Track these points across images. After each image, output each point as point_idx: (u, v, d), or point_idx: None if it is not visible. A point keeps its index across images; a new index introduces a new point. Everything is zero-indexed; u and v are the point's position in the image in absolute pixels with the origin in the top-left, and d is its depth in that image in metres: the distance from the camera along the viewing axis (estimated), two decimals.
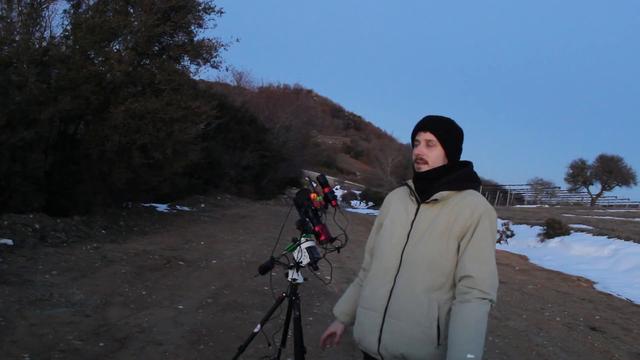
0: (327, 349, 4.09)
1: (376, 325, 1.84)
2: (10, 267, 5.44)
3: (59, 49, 8.43)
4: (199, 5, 10.14)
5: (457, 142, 1.93)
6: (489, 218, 1.81)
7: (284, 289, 2.50)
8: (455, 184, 1.86)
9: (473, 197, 1.84)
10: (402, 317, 1.79)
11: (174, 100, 9.30)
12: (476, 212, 1.79)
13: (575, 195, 37.81)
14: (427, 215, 1.86)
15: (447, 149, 1.89)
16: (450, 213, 1.82)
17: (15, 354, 3.32)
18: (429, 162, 1.89)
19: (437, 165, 1.89)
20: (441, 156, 1.89)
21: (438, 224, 1.82)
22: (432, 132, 1.89)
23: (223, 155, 19.41)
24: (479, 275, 1.73)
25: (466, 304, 1.71)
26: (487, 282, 1.73)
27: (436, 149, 1.89)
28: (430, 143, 1.89)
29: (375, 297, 1.88)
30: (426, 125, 1.91)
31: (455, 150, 1.92)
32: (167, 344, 3.82)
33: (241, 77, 36.88)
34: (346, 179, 64.16)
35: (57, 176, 8.80)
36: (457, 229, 1.79)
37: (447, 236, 1.80)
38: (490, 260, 1.77)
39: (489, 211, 1.82)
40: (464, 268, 1.76)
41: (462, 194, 1.85)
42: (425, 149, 1.89)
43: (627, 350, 4.94)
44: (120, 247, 7.45)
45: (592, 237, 11.82)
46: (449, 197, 1.85)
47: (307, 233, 2.36)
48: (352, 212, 27.77)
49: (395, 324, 1.80)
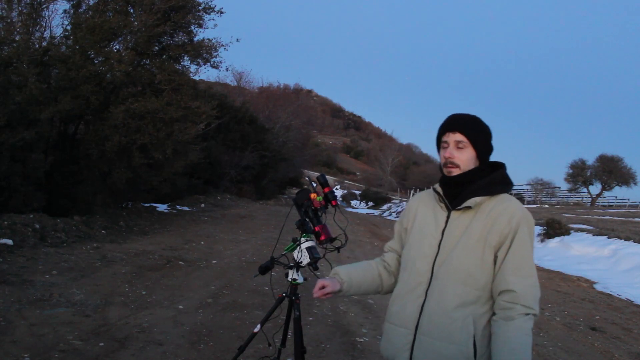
0: (327, 348, 4.09)
1: (407, 343, 1.72)
2: (10, 267, 5.44)
3: (59, 49, 8.44)
4: (199, 5, 10.14)
5: (488, 142, 1.78)
6: (527, 225, 1.68)
7: (284, 289, 2.50)
8: (488, 189, 1.72)
9: (509, 202, 1.70)
10: (435, 334, 1.67)
11: (174, 100, 9.30)
12: (514, 219, 1.66)
13: (575, 195, 37.80)
14: (459, 223, 1.72)
15: (478, 150, 1.75)
16: (485, 221, 1.68)
17: (15, 354, 3.32)
18: (460, 165, 1.73)
19: (469, 169, 1.74)
20: (473, 158, 1.74)
21: (472, 233, 1.68)
22: (462, 133, 1.73)
23: (223, 155, 19.41)
24: (521, 289, 1.60)
25: (510, 322, 1.58)
26: (530, 296, 1.61)
27: (467, 150, 1.74)
28: (461, 144, 1.73)
29: (405, 312, 1.76)
30: (455, 125, 1.76)
31: (486, 151, 1.77)
32: (167, 344, 3.82)
33: (241, 77, 36.91)
34: (346, 179, 64.19)
35: (57, 176, 8.80)
36: (494, 238, 1.66)
37: (482, 246, 1.66)
38: (531, 272, 1.64)
39: (527, 217, 1.69)
40: (505, 281, 1.63)
41: (496, 199, 1.72)
42: (455, 151, 1.74)
43: (627, 350, 4.94)
44: (120, 247, 7.45)
45: (592, 237, 11.82)
46: (482, 203, 1.71)
47: (307, 233, 2.36)
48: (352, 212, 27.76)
49: (428, 342, 1.68)
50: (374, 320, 5.12)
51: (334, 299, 5.74)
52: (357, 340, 4.39)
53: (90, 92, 8.21)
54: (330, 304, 5.52)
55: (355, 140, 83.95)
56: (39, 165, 8.17)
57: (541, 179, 38.17)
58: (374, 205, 40.15)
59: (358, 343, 4.33)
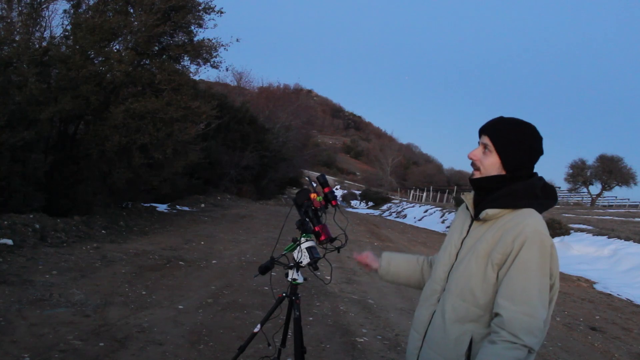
0: (327, 349, 4.09)
1: (416, 348, 1.71)
2: (10, 267, 5.44)
3: (59, 49, 8.43)
4: (199, 5, 10.14)
5: (518, 152, 1.62)
6: (535, 246, 1.50)
7: (284, 289, 2.50)
8: (507, 200, 1.59)
9: (524, 218, 1.55)
10: (433, 346, 1.64)
11: (174, 100, 9.30)
12: (519, 237, 1.51)
13: (575, 195, 37.83)
14: (476, 234, 1.64)
15: (503, 158, 1.62)
16: (494, 235, 1.57)
17: (15, 354, 3.32)
18: (481, 169, 1.66)
19: (490, 174, 1.64)
20: (496, 165, 1.63)
21: (481, 247, 1.59)
22: (490, 137, 1.64)
23: (223, 155, 19.42)
24: (508, 315, 1.47)
25: (491, 345, 1.48)
26: (518, 324, 1.45)
27: (492, 156, 1.64)
28: (487, 148, 1.65)
29: (420, 318, 1.75)
30: (487, 127, 1.67)
31: (514, 160, 1.62)
32: (167, 344, 3.82)
33: (241, 77, 36.97)
34: (346, 179, 64.21)
35: (57, 176, 8.80)
36: (497, 255, 1.54)
37: (486, 262, 1.56)
38: (527, 299, 1.47)
39: (538, 237, 1.51)
40: (497, 304, 1.52)
41: (516, 213, 1.57)
42: (479, 154, 1.67)
43: (627, 350, 4.94)
44: (120, 247, 7.45)
45: (592, 237, 11.83)
46: (500, 216, 1.59)
47: (307, 233, 2.36)
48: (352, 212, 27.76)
49: (429, 352, 1.65)
50: (374, 320, 5.13)
51: (334, 299, 5.74)
52: (357, 340, 4.39)
53: (90, 92, 8.21)
54: (330, 304, 5.52)
55: (355, 140, 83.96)
56: (39, 165, 8.17)
57: None
58: (374, 205, 40.16)
59: (358, 343, 4.33)
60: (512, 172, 1.63)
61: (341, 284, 6.48)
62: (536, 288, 1.49)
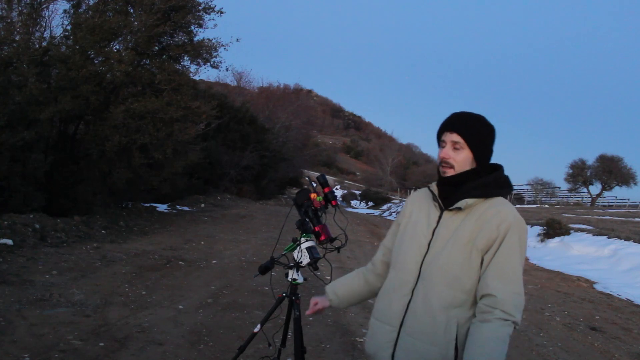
0: (327, 348, 4.09)
1: (390, 340, 1.73)
2: (10, 267, 5.44)
3: (59, 49, 8.44)
4: (199, 5, 10.14)
5: (487, 144, 1.74)
6: (518, 232, 1.64)
7: (284, 289, 2.50)
8: (482, 191, 1.69)
9: (501, 206, 1.67)
10: (417, 334, 1.67)
11: (174, 100, 9.30)
12: (504, 224, 1.63)
13: (575, 195, 37.81)
14: (450, 223, 1.71)
15: (475, 152, 1.71)
16: (475, 223, 1.66)
17: (15, 354, 3.32)
18: (455, 166, 1.71)
19: (464, 170, 1.71)
20: (469, 159, 1.71)
21: (461, 235, 1.67)
22: (459, 133, 1.70)
23: (223, 155, 19.41)
24: (502, 294, 1.57)
25: (485, 324, 1.56)
26: (511, 303, 1.57)
27: (463, 151, 1.70)
28: (457, 145, 1.70)
29: (390, 310, 1.76)
30: (453, 124, 1.72)
31: (484, 153, 1.73)
32: (167, 344, 3.82)
33: (241, 77, 36.98)
34: (346, 179, 64.17)
35: (57, 176, 8.80)
36: (482, 241, 1.64)
37: (470, 249, 1.64)
38: (515, 279, 1.60)
39: (519, 223, 1.65)
40: (486, 286, 1.60)
41: (489, 202, 1.69)
42: (451, 152, 1.71)
43: (627, 350, 4.94)
44: (120, 247, 7.45)
45: (592, 237, 11.81)
46: (475, 205, 1.69)
47: (307, 233, 2.36)
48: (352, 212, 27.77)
49: (411, 341, 1.68)
50: None
51: None
52: (357, 340, 4.39)
53: (90, 92, 8.21)
54: None
55: (355, 140, 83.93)
56: (39, 165, 8.18)
57: (541, 179, 38.25)
58: (374, 205, 40.13)
59: (358, 343, 4.33)
60: (482, 165, 1.73)
61: None
62: (519, 268, 1.64)
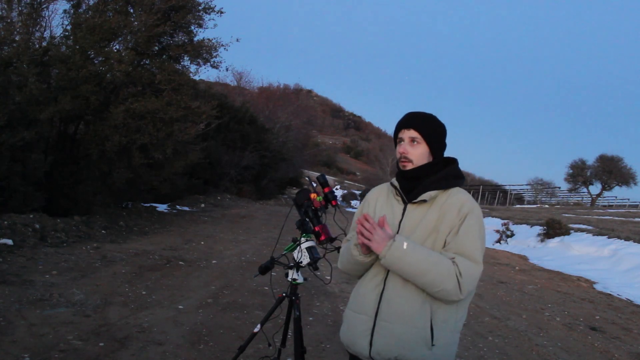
0: (327, 348, 4.09)
1: (367, 329, 1.81)
2: (10, 267, 5.44)
3: (59, 49, 8.43)
4: (199, 5, 10.14)
5: (441, 139, 1.91)
6: (475, 215, 1.80)
7: (284, 289, 2.50)
8: (442, 183, 1.85)
9: (460, 195, 1.84)
10: (394, 319, 1.77)
11: (174, 100, 9.30)
12: (462, 209, 1.79)
13: (575, 195, 37.82)
14: (415, 215, 1.84)
15: (431, 146, 1.87)
16: (438, 213, 1.81)
17: (15, 354, 3.32)
18: (413, 160, 1.86)
19: (422, 163, 1.87)
20: (426, 153, 1.87)
21: (426, 224, 1.81)
22: (416, 130, 1.86)
23: (223, 155, 19.41)
24: (459, 263, 1.72)
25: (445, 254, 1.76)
26: (465, 267, 1.71)
27: (420, 146, 1.86)
28: (415, 141, 1.86)
29: (365, 300, 1.86)
30: (409, 122, 1.88)
31: (439, 147, 1.90)
32: (167, 344, 3.82)
33: (241, 77, 36.96)
34: (346, 179, 64.14)
35: (57, 176, 8.80)
36: (445, 226, 1.78)
37: (435, 236, 1.79)
38: (472, 255, 1.74)
39: (475, 209, 1.82)
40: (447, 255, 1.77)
41: (449, 192, 1.85)
42: (409, 147, 1.86)
43: (627, 350, 4.94)
44: (120, 247, 7.45)
45: (592, 237, 11.80)
46: (437, 197, 1.84)
47: (307, 233, 2.36)
48: (352, 212, 27.76)
49: (387, 326, 1.77)
50: None
51: (334, 299, 5.74)
52: None
53: (90, 92, 8.21)
54: (330, 304, 5.52)
55: (355, 140, 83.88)
56: (39, 165, 8.17)
57: (541, 179, 38.27)
58: None
59: None
60: (437, 159, 1.89)
61: (341, 284, 6.48)
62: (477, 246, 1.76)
